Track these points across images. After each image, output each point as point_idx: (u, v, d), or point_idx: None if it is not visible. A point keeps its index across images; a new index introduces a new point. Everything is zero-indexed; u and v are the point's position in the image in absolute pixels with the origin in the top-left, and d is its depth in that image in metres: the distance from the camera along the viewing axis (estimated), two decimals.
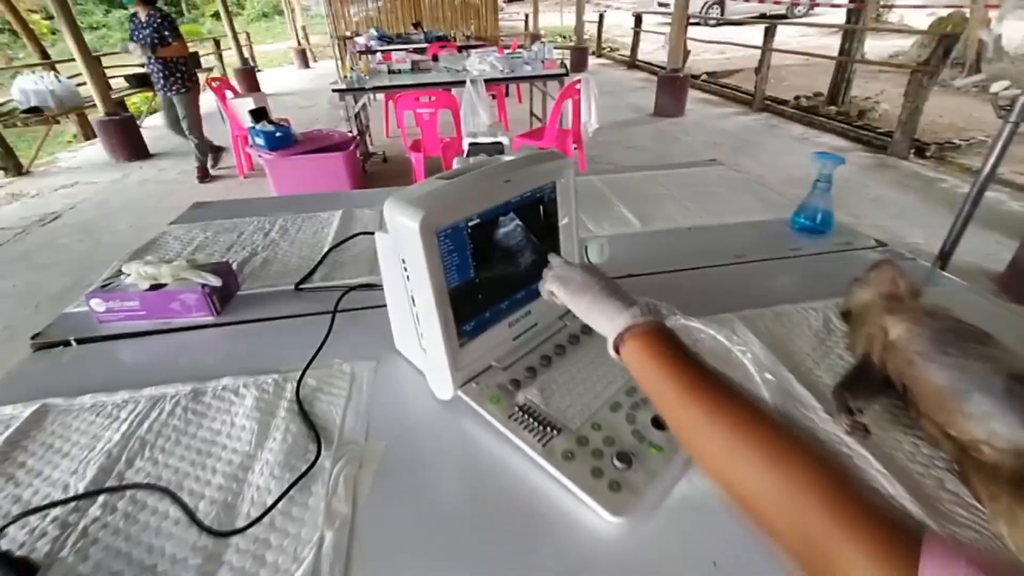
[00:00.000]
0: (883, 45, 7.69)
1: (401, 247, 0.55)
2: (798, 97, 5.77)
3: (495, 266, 0.61)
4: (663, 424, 0.56)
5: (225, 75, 7.45)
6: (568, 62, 6.62)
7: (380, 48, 5.73)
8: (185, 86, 3.79)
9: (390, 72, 4.01)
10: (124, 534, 0.49)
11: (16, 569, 0.45)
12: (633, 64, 8.91)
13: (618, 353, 0.48)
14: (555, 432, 0.56)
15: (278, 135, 3.11)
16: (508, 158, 0.67)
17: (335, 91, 3.59)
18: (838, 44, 5.58)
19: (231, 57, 8.96)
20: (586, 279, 0.54)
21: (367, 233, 1.05)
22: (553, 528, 0.49)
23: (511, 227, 0.62)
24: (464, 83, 3.40)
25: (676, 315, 0.76)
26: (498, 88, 4.56)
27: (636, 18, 8.96)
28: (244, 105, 3.34)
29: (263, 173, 3.38)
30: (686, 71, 5.87)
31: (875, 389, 0.61)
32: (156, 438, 0.60)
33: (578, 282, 0.54)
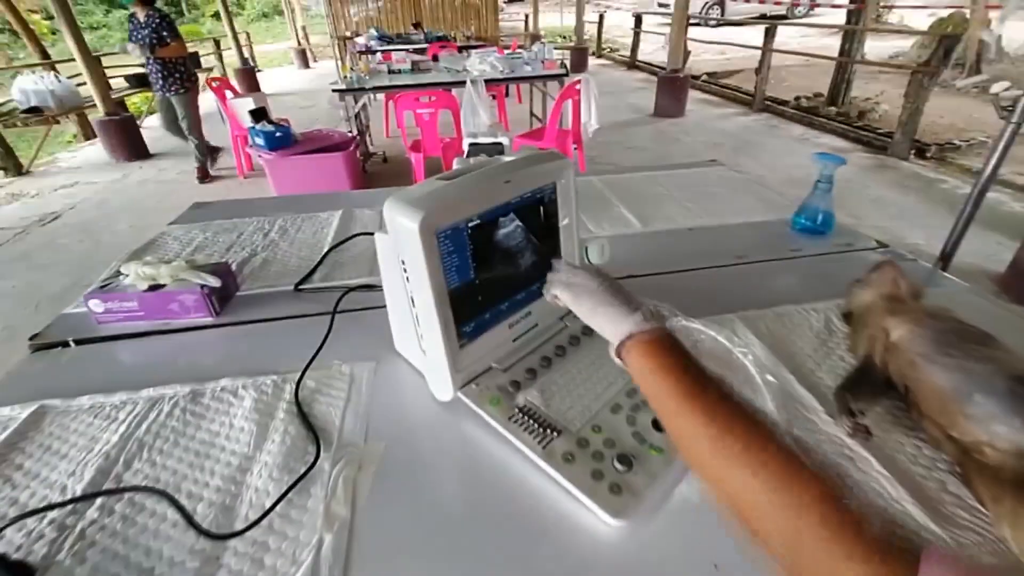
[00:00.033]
0: (883, 46, 7.69)
1: (401, 248, 0.55)
2: (798, 98, 5.77)
3: (495, 267, 0.61)
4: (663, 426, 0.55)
5: (225, 75, 7.45)
6: (568, 62, 6.62)
7: (380, 48, 5.73)
8: (184, 86, 3.78)
9: (390, 72, 4.01)
10: (122, 537, 0.49)
11: (13, 572, 0.45)
12: (633, 65, 8.92)
13: (620, 358, 0.48)
14: (555, 434, 0.55)
15: (278, 135, 3.11)
16: (508, 159, 0.67)
17: (335, 91, 3.58)
18: (838, 45, 5.58)
19: (231, 57, 8.96)
20: (590, 282, 0.53)
21: (367, 234, 1.05)
22: (553, 531, 0.49)
23: (511, 228, 0.61)
24: (464, 83, 3.40)
25: (677, 316, 0.75)
26: (498, 88, 4.55)
27: (636, 18, 8.96)
28: (244, 105, 3.34)
29: (263, 173, 3.38)
30: (686, 72, 5.87)
31: (877, 391, 0.61)
32: (154, 440, 0.60)
33: (582, 285, 0.54)
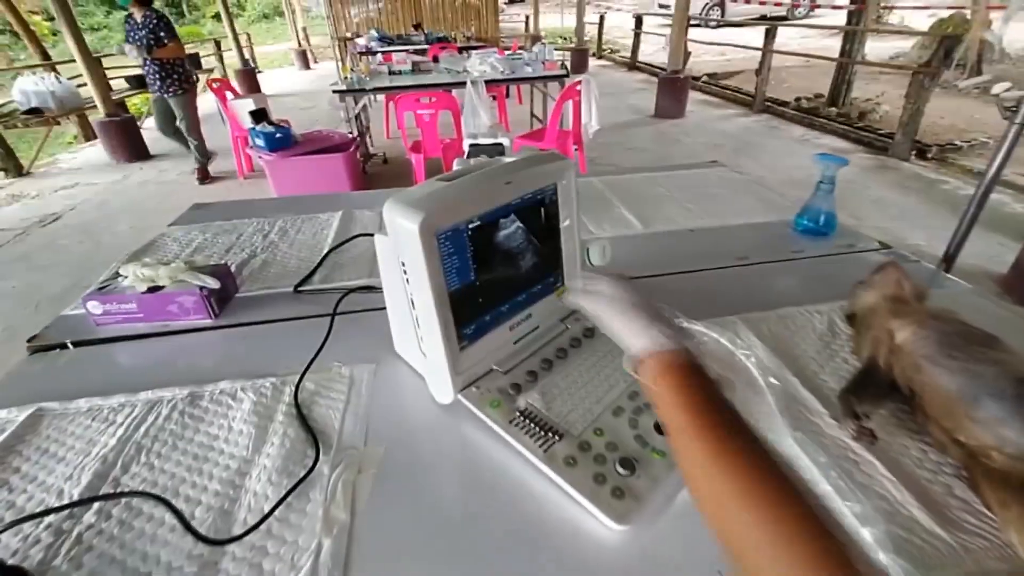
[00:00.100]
0: (884, 47, 7.69)
1: (401, 249, 0.54)
2: (799, 99, 5.76)
3: (496, 269, 0.60)
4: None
5: (225, 76, 7.45)
6: (568, 63, 6.61)
7: (380, 49, 5.75)
8: (182, 87, 3.76)
9: (390, 73, 4.01)
10: (119, 541, 0.49)
11: None
12: (634, 66, 8.92)
13: (635, 371, 0.47)
14: (557, 437, 0.55)
15: (278, 136, 3.11)
16: (509, 159, 0.66)
17: (335, 92, 3.59)
18: (839, 46, 5.58)
19: (232, 58, 8.97)
20: (612, 291, 0.52)
21: (367, 235, 1.04)
22: (555, 535, 0.48)
23: (512, 229, 0.61)
24: (464, 84, 3.40)
25: (679, 318, 0.75)
26: (498, 89, 4.56)
27: (637, 20, 8.97)
28: (244, 106, 3.34)
29: (263, 174, 3.38)
30: (687, 73, 5.87)
31: (881, 393, 0.60)
32: (152, 443, 0.59)
33: (603, 294, 0.53)
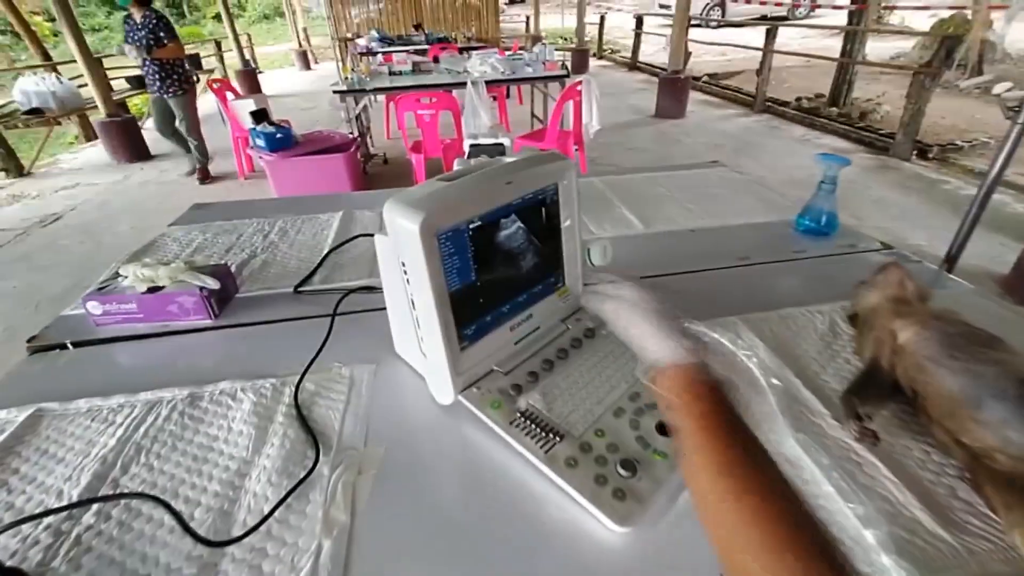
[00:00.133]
0: (884, 47, 7.68)
1: (401, 249, 0.54)
2: (799, 99, 5.76)
3: (496, 269, 0.60)
4: (668, 430, 0.55)
5: (226, 76, 7.46)
6: (569, 64, 6.61)
7: (381, 50, 5.74)
8: (182, 88, 3.76)
9: (391, 74, 4.01)
10: (118, 543, 0.48)
11: None
12: (634, 66, 8.91)
13: (650, 380, 0.47)
14: (558, 438, 0.54)
15: (279, 136, 3.10)
16: (509, 160, 0.66)
17: (336, 92, 3.58)
18: (839, 46, 5.58)
19: (232, 59, 8.97)
20: (631, 296, 0.52)
21: (367, 235, 1.04)
22: (556, 537, 0.48)
23: (513, 229, 0.61)
24: (465, 84, 3.40)
25: (693, 323, 0.75)
26: (499, 89, 4.55)
27: (637, 20, 8.96)
28: (245, 106, 3.33)
29: (264, 175, 3.38)
30: (687, 73, 5.87)
31: (884, 394, 0.60)
32: (152, 444, 0.59)
33: (621, 298, 0.52)
